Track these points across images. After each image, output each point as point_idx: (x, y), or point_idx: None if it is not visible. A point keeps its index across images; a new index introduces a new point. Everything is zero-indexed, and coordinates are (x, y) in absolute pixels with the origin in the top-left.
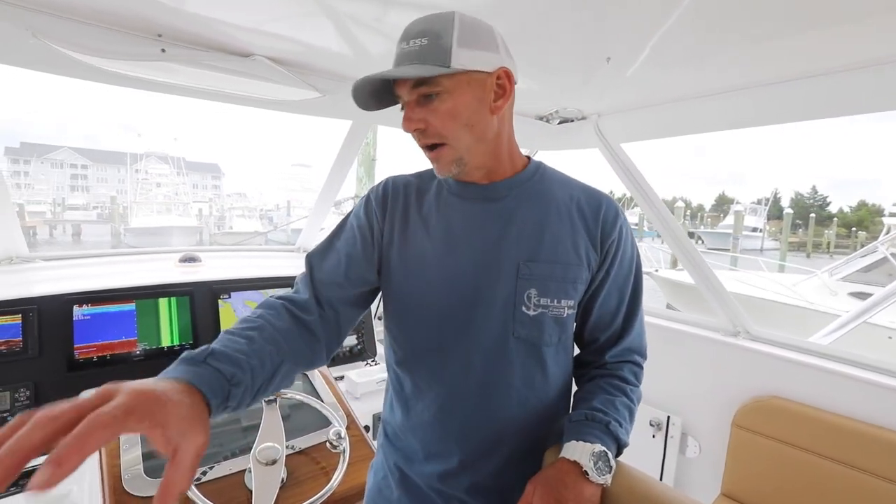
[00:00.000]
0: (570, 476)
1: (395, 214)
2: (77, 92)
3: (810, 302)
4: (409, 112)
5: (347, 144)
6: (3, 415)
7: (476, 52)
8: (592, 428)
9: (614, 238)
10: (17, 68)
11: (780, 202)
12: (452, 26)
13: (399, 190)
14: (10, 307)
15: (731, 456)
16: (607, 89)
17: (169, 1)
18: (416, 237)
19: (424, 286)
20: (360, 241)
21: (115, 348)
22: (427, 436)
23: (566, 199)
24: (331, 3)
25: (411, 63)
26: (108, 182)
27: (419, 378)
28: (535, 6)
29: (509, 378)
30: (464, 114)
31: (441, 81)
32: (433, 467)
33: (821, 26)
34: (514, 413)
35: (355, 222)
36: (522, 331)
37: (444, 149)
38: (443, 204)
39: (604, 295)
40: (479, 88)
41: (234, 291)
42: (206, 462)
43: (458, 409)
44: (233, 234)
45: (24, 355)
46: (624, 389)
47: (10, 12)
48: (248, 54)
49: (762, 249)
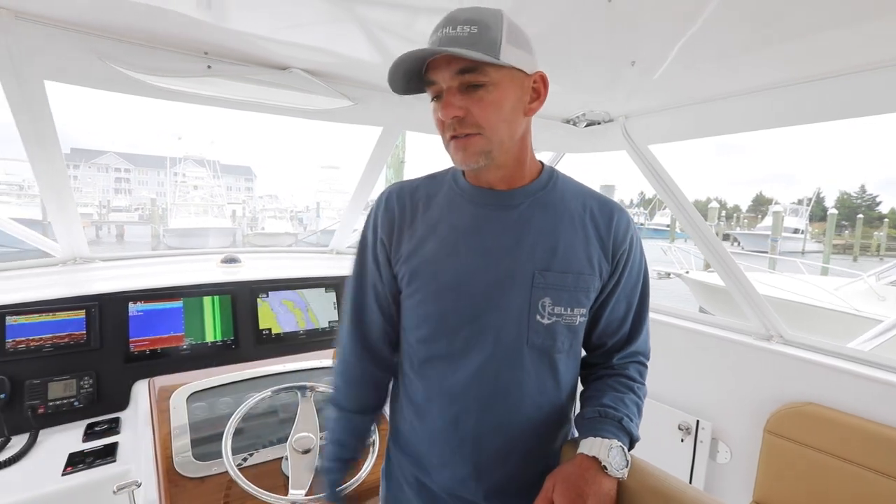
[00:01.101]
0: (590, 471)
1: (405, 226)
2: (121, 100)
3: (855, 307)
4: (449, 98)
5: (378, 149)
6: (71, 400)
7: (520, 52)
8: (607, 424)
9: (625, 248)
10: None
11: (823, 202)
12: (501, 22)
13: (404, 199)
14: (75, 303)
15: (762, 463)
16: (635, 92)
17: (214, 20)
18: (426, 245)
19: (438, 294)
20: (385, 271)
21: (164, 343)
22: (441, 442)
23: (579, 208)
24: (362, 12)
25: (461, 46)
26: (148, 185)
27: (432, 385)
28: (563, 11)
29: (523, 385)
30: (505, 108)
31: (489, 72)
32: (449, 473)
33: (847, 24)
34: (526, 418)
35: (376, 249)
36: (537, 339)
37: (477, 138)
38: (453, 207)
39: (613, 302)
40: (518, 88)
41: (271, 291)
42: (247, 449)
43: (472, 415)
44: (265, 235)
45: (87, 347)
46: (631, 387)
47: (81, 39)
48: (286, 67)
49: (804, 252)
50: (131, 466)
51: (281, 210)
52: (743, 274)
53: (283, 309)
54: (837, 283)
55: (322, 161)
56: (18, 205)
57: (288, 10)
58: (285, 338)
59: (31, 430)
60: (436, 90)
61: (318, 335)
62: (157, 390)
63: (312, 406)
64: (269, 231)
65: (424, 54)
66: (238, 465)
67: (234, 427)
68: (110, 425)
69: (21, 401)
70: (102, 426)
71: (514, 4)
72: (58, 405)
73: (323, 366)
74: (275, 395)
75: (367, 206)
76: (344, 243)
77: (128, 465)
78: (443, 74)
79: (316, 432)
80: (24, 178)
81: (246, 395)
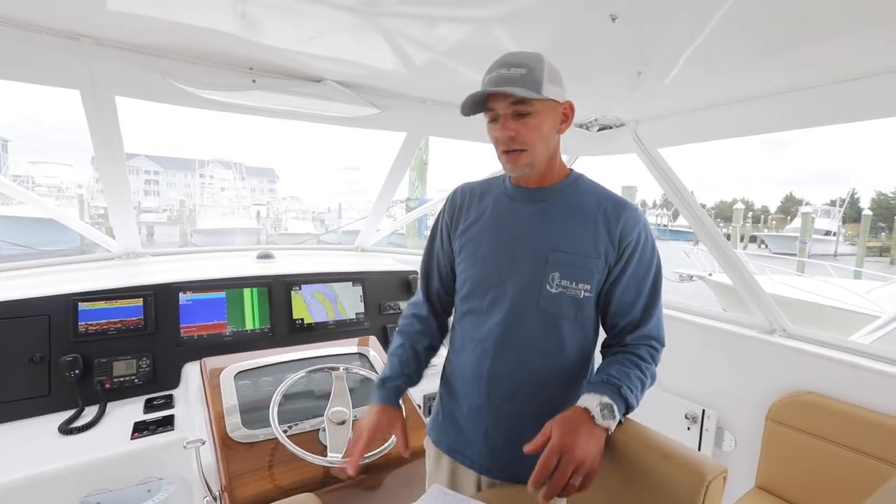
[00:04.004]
0: (581, 418)
1: (462, 212)
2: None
3: (885, 310)
4: (505, 122)
5: (402, 154)
6: (132, 377)
7: (556, 87)
8: (605, 388)
9: (632, 240)
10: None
11: (858, 203)
12: (543, 64)
13: (466, 194)
14: (134, 292)
15: (765, 449)
16: (644, 98)
17: (260, 39)
18: (474, 227)
19: (476, 263)
20: (446, 242)
21: (210, 329)
22: (465, 377)
23: (594, 205)
24: (387, 24)
25: (514, 85)
26: (176, 186)
27: (466, 333)
28: (569, 27)
29: (530, 338)
30: (544, 131)
31: (534, 103)
32: (468, 402)
33: (847, 33)
34: (531, 368)
35: (442, 226)
36: (544, 303)
37: (523, 154)
38: (498, 203)
39: (622, 286)
40: (552, 114)
41: (304, 284)
42: (290, 420)
43: (488, 357)
44: (288, 236)
45: (144, 331)
46: (639, 365)
47: (147, 60)
48: (320, 79)
49: (836, 254)
50: (188, 434)
51: (303, 211)
52: (749, 272)
53: (314, 301)
54: (869, 286)
55: (343, 163)
56: (57, 206)
57: (321, 26)
58: (316, 327)
59: (100, 402)
60: (493, 115)
61: (346, 325)
62: (209, 370)
63: (345, 384)
64: (293, 231)
65: (491, 91)
66: (284, 431)
67: (279, 400)
68: (165, 400)
69: (91, 377)
70: (159, 401)
71: (521, 19)
72: (121, 381)
73: (351, 352)
74: (310, 375)
75: (391, 205)
76: (369, 241)
77: (184, 433)
78: (500, 104)
79: (349, 407)
80: (62, 180)
81: (284, 375)
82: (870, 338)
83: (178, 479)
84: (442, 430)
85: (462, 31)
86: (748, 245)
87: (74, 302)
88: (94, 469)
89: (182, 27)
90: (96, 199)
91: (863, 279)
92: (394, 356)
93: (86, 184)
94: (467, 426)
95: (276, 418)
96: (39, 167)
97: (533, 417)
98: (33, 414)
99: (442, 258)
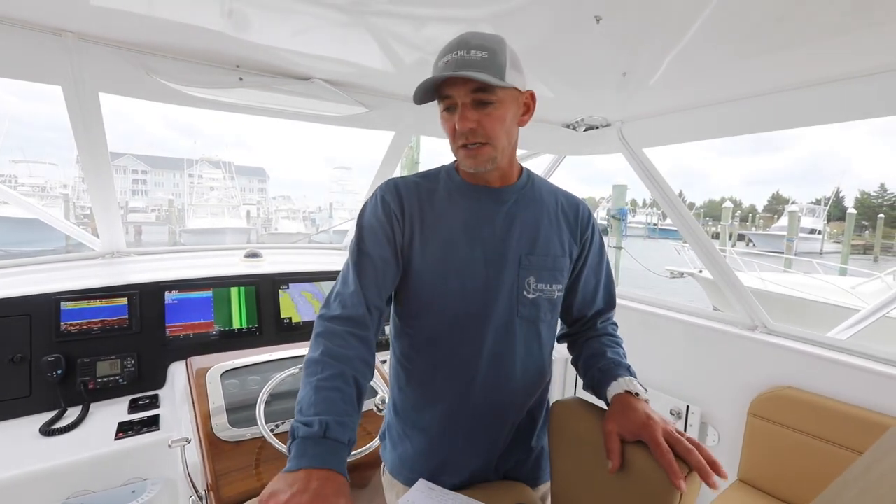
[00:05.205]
0: (632, 399)
1: (413, 211)
2: (138, 104)
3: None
4: (465, 112)
5: (391, 153)
6: (116, 377)
7: (517, 74)
8: (620, 370)
9: (589, 233)
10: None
11: (842, 202)
12: (505, 48)
13: (410, 189)
14: (119, 291)
15: (746, 443)
16: (631, 98)
17: (247, 37)
18: (435, 233)
19: (444, 276)
20: (386, 243)
21: (196, 328)
22: (449, 408)
23: (553, 203)
24: (375, 22)
25: (476, 70)
26: (164, 186)
27: (439, 359)
28: (554, 27)
29: (515, 351)
30: (507, 121)
31: (497, 91)
32: (448, 430)
33: (823, 38)
34: (517, 376)
35: (377, 224)
36: (525, 311)
37: (486, 147)
38: (453, 202)
39: (585, 277)
40: (515, 104)
41: (291, 283)
42: (277, 419)
43: (476, 378)
44: (279, 235)
45: (129, 331)
46: (618, 342)
47: (132, 56)
48: (308, 77)
49: (821, 252)
50: (173, 433)
51: (294, 211)
52: (731, 269)
53: (302, 300)
54: (854, 282)
55: (334, 162)
56: (42, 205)
57: (309, 24)
58: (304, 326)
59: (83, 403)
60: (449, 103)
61: None
62: (195, 370)
63: None
64: (283, 231)
65: (450, 75)
66: (271, 429)
67: (265, 399)
68: (151, 400)
69: (74, 377)
70: (144, 401)
71: (508, 20)
72: (105, 382)
73: None
74: (298, 374)
75: None
76: None
77: (170, 433)
78: (458, 91)
79: None
80: (46, 179)
81: (272, 374)
82: (848, 332)
83: (162, 479)
84: (412, 466)
85: (450, 31)
86: (736, 243)
87: (56, 301)
88: (76, 470)
89: (167, 23)
90: (82, 199)
91: (848, 276)
92: (333, 391)
93: (71, 183)
94: (450, 457)
95: (263, 417)
96: (23, 166)
97: (510, 425)
98: (13, 415)
99: (389, 260)
